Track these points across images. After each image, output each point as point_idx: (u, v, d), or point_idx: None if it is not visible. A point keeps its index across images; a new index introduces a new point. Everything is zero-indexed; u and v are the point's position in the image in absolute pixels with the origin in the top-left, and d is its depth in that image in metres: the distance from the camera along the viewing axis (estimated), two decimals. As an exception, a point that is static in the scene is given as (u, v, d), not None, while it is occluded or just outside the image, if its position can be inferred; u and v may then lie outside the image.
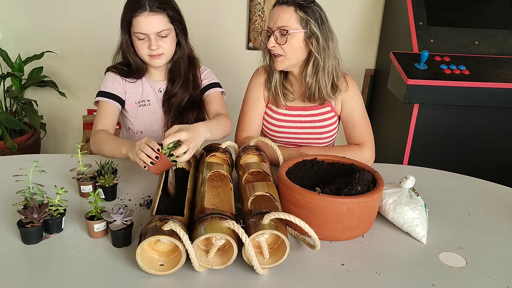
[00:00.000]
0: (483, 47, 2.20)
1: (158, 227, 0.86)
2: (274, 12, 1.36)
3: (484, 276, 0.93)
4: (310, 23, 1.32)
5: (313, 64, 1.38)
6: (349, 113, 1.48)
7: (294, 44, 1.35)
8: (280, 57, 1.38)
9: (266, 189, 1.04)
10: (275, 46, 1.36)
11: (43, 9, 2.58)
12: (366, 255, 0.98)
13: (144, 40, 1.39)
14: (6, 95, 2.57)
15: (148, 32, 1.37)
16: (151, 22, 1.36)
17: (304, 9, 1.32)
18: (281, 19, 1.33)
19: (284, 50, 1.36)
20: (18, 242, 0.96)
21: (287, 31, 1.32)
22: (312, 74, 1.39)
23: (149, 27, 1.37)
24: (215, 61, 2.79)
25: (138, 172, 1.33)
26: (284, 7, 1.33)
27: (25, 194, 1.01)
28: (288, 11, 1.32)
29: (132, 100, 1.52)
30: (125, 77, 1.50)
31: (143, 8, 1.35)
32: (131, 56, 1.46)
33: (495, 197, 1.28)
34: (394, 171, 1.39)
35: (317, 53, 1.35)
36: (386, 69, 2.42)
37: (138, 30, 1.37)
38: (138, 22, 1.36)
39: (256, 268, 0.88)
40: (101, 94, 1.47)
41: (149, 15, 1.36)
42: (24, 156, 1.48)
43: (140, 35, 1.38)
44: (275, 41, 1.35)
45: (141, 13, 1.35)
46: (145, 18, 1.36)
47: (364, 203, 0.98)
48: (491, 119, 2.11)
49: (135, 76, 1.50)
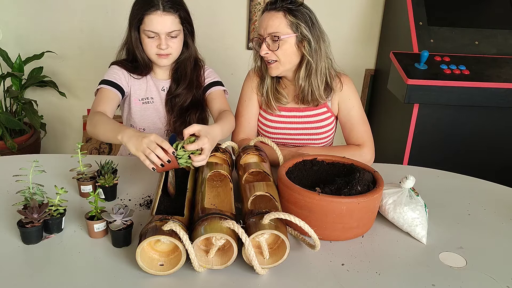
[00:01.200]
0: (483, 47, 2.20)
1: (158, 227, 0.86)
2: (263, 19, 1.36)
3: (484, 276, 0.93)
4: (300, 26, 1.32)
5: (305, 67, 1.38)
6: (347, 115, 1.48)
7: (286, 49, 1.35)
8: (274, 63, 1.38)
9: (266, 189, 1.04)
10: (268, 53, 1.36)
11: (43, 9, 2.58)
12: (366, 255, 0.98)
13: (154, 38, 1.40)
14: (6, 95, 2.57)
15: (159, 31, 1.38)
16: (163, 22, 1.37)
17: (293, 13, 1.32)
18: (271, 25, 1.33)
19: (278, 55, 1.36)
20: (18, 242, 0.96)
21: (278, 37, 1.32)
22: (304, 76, 1.40)
23: (161, 26, 1.37)
24: (215, 61, 2.78)
25: (138, 172, 1.33)
26: (273, 13, 1.33)
27: (25, 194, 1.01)
28: (277, 16, 1.32)
29: (136, 96, 1.52)
30: (130, 72, 1.50)
31: (156, 7, 1.36)
32: (140, 53, 1.45)
33: (495, 197, 1.28)
34: (394, 171, 1.39)
35: (309, 56, 1.36)
36: (386, 69, 2.42)
37: (149, 28, 1.37)
38: (150, 20, 1.37)
39: (256, 268, 0.88)
40: (103, 82, 1.45)
41: (162, 14, 1.36)
42: (24, 156, 1.48)
43: (150, 33, 1.38)
44: (267, 48, 1.35)
45: (154, 11, 1.36)
46: (158, 17, 1.36)
47: (364, 203, 0.98)
48: (491, 119, 2.11)
49: (141, 72, 1.50)
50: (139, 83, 1.52)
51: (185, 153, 1.09)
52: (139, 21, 1.40)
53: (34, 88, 2.71)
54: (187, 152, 1.09)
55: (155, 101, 1.54)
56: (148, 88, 1.53)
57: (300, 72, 1.40)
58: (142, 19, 1.38)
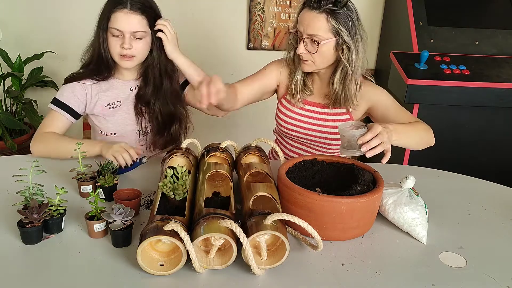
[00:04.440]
0: (483, 47, 2.20)
1: (159, 227, 0.86)
2: (305, 16, 1.30)
3: (484, 276, 0.93)
4: (341, 31, 1.27)
5: (341, 71, 1.35)
6: (386, 110, 1.41)
7: (324, 51, 1.31)
8: (309, 61, 1.35)
9: (267, 190, 1.04)
10: (304, 53, 1.33)
11: (43, 9, 2.58)
12: (366, 255, 0.98)
13: (118, 37, 1.39)
14: (6, 95, 2.57)
15: (123, 29, 1.37)
16: (128, 20, 1.36)
17: (336, 16, 1.26)
18: (312, 27, 1.28)
19: (313, 57, 1.33)
20: (18, 242, 0.96)
21: (318, 42, 1.28)
22: (339, 81, 1.37)
23: (126, 24, 1.36)
24: (215, 61, 2.79)
25: (138, 172, 1.33)
26: (315, 13, 1.27)
27: (25, 194, 1.01)
28: (319, 19, 1.27)
29: (101, 103, 1.49)
30: (92, 78, 1.47)
31: (123, 5, 1.36)
32: (105, 52, 1.43)
33: (495, 197, 1.28)
34: (394, 171, 1.39)
35: (346, 61, 1.32)
36: (386, 69, 2.42)
37: (114, 26, 1.37)
38: (115, 18, 1.36)
39: (253, 268, 0.87)
40: (56, 102, 1.46)
41: (128, 12, 1.36)
42: (24, 156, 1.48)
43: (115, 31, 1.38)
44: (304, 48, 1.32)
45: (121, 9, 1.36)
46: (124, 15, 1.36)
47: (364, 203, 0.98)
48: (491, 119, 2.11)
49: (104, 73, 1.47)
50: (103, 89, 1.49)
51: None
52: (106, 19, 1.39)
53: (34, 88, 2.70)
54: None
55: (123, 104, 1.51)
56: (114, 92, 1.50)
57: (335, 76, 1.37)
58: (109, 17, 1.38)
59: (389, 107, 1.41)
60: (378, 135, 1.06)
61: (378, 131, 1.07)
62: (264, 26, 2.69)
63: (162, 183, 1.02)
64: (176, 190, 1.02)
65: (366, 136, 1.06)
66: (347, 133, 1.09)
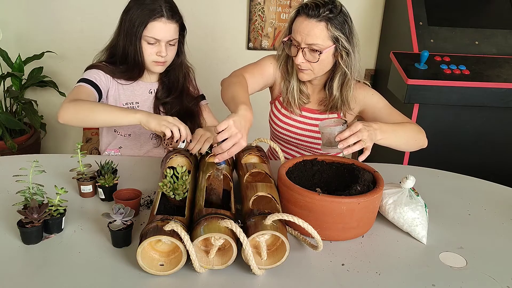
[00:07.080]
0: (483, 47, 2.20)
1: (159, 227, 0.86)
2: (303, 26, 1.25)
3: (484, 276, 0.93)
4: (341, 38, 1.26)
5: (339, 77, 1.34)
6: (378, 112, 1.38)
7: (323, 59, 1.29)
8: (308, 70, 1.33)
9: (268, 190, 1.04)
10: (303, 62, 1.30)
11: (43, 9, 2.58)
12: (366, 255, 0.98)
13: (154, 45, 1.40)
14: (6, 95, 2.57)
15: (161, 38, 1.38)
16: (167, 30, 1.38)
17: (335, 23, 1.24)
18: (312, 36, 1.24)
19: (313, 66, 1.31)
20: (18, 242, 0.96)
21: (320, 51, 1.26)
22: (338, 87, 1.36)
23: (164, 33, 1.38)
24: (215, 61, 2.79)
25: (138, 172, 1.33)
26: (314, 22, 1.23)
27: (25, 194, 1.01)
28: (319, 27, 1.24)
29: (120, 101, 1.49)
30: (115, 77, 1.47)
31: (161, 14, 1.36)
32: (141, 58, 1.42)
33: (495, 197, 1.28)
34: (394, 171, 1.39)
35: (346, 67, 1.31)
36: (386, 69, 2.42)
37: (152, 35, 1.37)
38: (153, 27, 1.36)
39: (253, 268, 0.87)
40: (82, 80, 1.40)
41: (167, 22, 1.37)
42: (24, 156, 1.48)
43: (151, 40, 1.38)
44: (303, 58, 1.29)
45: (158, 18, 1.36)
46: (162, 25, 1.37)
47: (364, 203, 0.98)
48: (491, 119, 2.11)
49: (132, 77, 1.48)
50: (123, 88, 1.50)
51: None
52: (143, 28, 1.37)
53: (34, 88, 2.71)
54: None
55: (140, 106, 1.51)
56: (134, 93, 1.51)
57: (333, 82, 1.36)
58: (146, 26, 1.37)
59: (381, 108, 1.39)
60: (357, 133, 1.06)
61: (357, 129, 1.06)
62: (264, 26, 2.69)
63: (162, 183, 1.03)
64: (176, 190, 1.02)
65: (344, 133, 1.06)
66: (326, 130, 1.10)
